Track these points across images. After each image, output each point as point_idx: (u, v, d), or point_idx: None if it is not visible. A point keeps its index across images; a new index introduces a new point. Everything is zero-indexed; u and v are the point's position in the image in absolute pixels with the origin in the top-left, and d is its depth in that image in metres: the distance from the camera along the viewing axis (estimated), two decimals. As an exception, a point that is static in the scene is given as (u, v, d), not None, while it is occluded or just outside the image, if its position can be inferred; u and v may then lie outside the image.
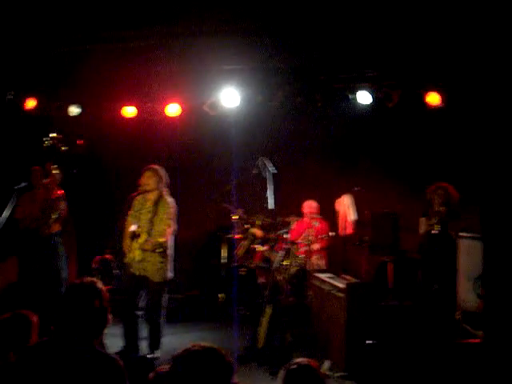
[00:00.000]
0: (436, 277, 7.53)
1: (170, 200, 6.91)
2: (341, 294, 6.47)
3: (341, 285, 6.55)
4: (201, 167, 9.80)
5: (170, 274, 6.89)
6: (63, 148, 7.50)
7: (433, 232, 7.54)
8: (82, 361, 3.08)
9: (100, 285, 3.30)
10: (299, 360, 3.46)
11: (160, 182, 6.88)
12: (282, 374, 3.46)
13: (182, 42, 8.10)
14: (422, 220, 7.78)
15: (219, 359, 2.57)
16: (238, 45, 8.02)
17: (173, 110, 8.99)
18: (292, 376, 3.38)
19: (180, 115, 9.06)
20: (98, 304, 3.22)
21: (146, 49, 8.24)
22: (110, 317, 3.29)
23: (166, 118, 9.09)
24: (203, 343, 2.63)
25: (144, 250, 6.71)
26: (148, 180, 6.85)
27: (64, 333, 3.18)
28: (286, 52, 8.17)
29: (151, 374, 3.37)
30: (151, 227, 6.76)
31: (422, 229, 7.73)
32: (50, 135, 7.46)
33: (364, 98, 8.26)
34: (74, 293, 3.25)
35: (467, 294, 6.95)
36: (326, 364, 6.26)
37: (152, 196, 6.88)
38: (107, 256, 7.54)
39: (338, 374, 6.16)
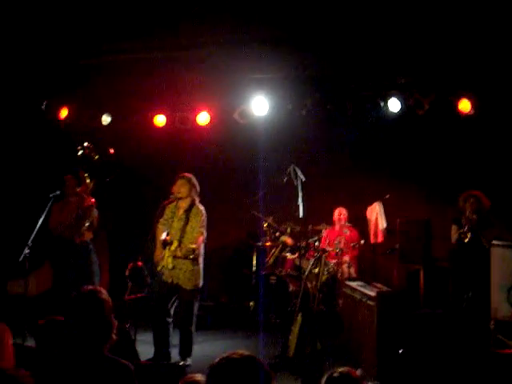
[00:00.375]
0: (468, 285, 7.46)
1: (201, 208, 6.95)
2: (372, 303, 6.43)
3: (372, 293, 6.52)
4: (230, 176, 9.83)
5: (201, 282, 6.93)
6: (96, 157, 7.60)
7: (464, 240, 7.49)
8: (91, 368, 3.12)
9: (103, 294, 3.34)
10: (340, 369, 3.45)
11: (192, 190, 6.93)
12: (323, 381, 3.46)
13: (212, 52, 8.16)
14: (454, 228, 7.73)
15: (258, 368, 2.55)
16: (267, 54, 8.06)
17: (203, 118, 9.07)
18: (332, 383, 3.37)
19: (210, 124, 9.13)
20: (101, 312, 3.26)
21: (177, 58, 8.32)
22: (114, 322, 3.32)
23: (196, 126, 9.17)
24: (241, 351, 2.61)
25: (176, 258, 6.75)
26: (181, 188, 6.91)
27: (72, 341, 3.23)
28: (316, 60, 8.19)
29: (180, 383, 3.39)
30: (183, 235, 6.81)
31: (454, 237, 7.67)
32: (83, 144, 7.57)
33: (394, 105, 8.23)
34: (78, 302, 3.30)
35: (500, 304, 6.88)
36: (358, 372, 6.20)
37: (184, 204, 6.93)
38: (139, 263, 7.57)
39: (371, 383, 6.12)
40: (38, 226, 6.69)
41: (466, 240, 7.46)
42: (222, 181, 9.72)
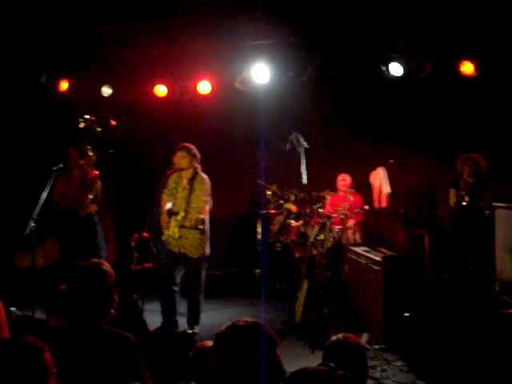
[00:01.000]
0: (469, 248, 7.48)
1: (205, 176, 6.95)
2: (377, 267, 6.46)
3: (377, 258, 6.54)
4: (233, 144, 9.80)
5: (208, 251, 6.96)
6: (98, 129, 7.58)
7: (462, 203, 7.48)
8: (91, 341, 3.11)
9: (105, 266, 3.33)
10: (340, 334, 3.50)
11: (193, 160, 6.92)
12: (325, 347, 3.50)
13: (212, 19, 8.08)
14: (452, 191, 7.71)
15: (263, 334, 2.58)
16: (267, 19, 7.98)
17: (204, 87, 9.01)
18: (333, 349, 3.41)
19: (211, 93, 9.08)
20: (103, 285, 3.24)
21: (176, 27, 8.25)
22: (116, 297, 3.31)
23: (197, 95, 9.11)
24: (246, 318, 2.64)
25: (182, 227, 6.77)
26: (181, 160, 6.89)
27: (73, 315, 3.24)
28: (316, 26, 8.10)
29: (192, 351, 3.42)
30: (188, 204, 6.81)
31: (452, 200, 7.67)
32: (85, 116, 7.54)
33: (396, 69, 8.16)
34: (79, 275, 3.29)
35: (505, 265, 6.91)
36: (364, 337, 6.26)
37: (187, 174, 6.93)
38: (145, 234, 7.61)
39: (377, 347, 6.18)
40: (42, 199, 6.70)
41: (464, 203, 7.44)
42: (225, 149, 9.70)
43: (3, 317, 4.00)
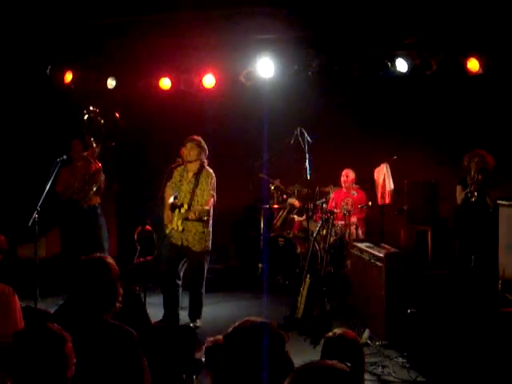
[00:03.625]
0: (474, 246, 7.46)
1: (211, 171, 6.95)
2: (380, 263, 6.45)
3: (380, 254, 6.53)
4: (236, 138, 9.78)
5: (210, 244, 6.97)
6: (102, 121, 7.57)
7: (471, 200, 7.46)
8: (93, 334, 3.12)
9: (109, 260, 3.34)
10: (337, 330, 3.50)
11: (202, 153, 6.91)
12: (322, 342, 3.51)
13: (217, 12, 8.05)
14: (459, 188, 7.70)
15: (271, 332, 2.60)
16: (272, 14, 7.95)
17: (208, 81, 8.99)
18: (330, 344, 3.42)
19: (215, 86, 9.06)
20: (107, 279, 3.25)
21: (182, 20, 8.21)
22: (120, 291, 3.32)
23: (202, 89, 9.10)
24: (253, 318, 2.66)
25: (186, 220, 6.77)
26: (190, 151, 6.88)
27: (75, 308, 3.25)
28: (321, 20, 8.07)
29: (205, 345, 3.42)
30: (193, 197, 6.82)
31: (459, 198, 7.65)
32: (89, 108, 7.53)
33: (402, 65, 8.13)
34: (83, 268, 3.29)
35: (508, 263, 6.90)
36: (366, 333, 6.27)
37: (193, 167, 6.92)
38: (147, 227, 7.61)
39: (378, 343, 6.18)
40: (45, 190, 6.71)
41: (473, 199, 7.42)
42: (228, 144, 9.68)
43: (19, 310, 4.02)
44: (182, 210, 6.80)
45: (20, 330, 3.83)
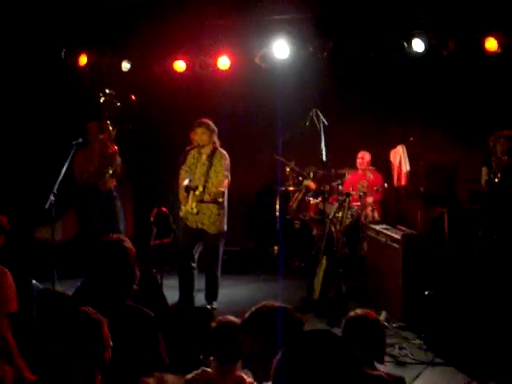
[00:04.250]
0: (497, 227, 7.40)
1: (224, 152, 6.93)
2: (397, 245, 6.42)
3: (397, 235, 6.50)
4: (251, 120, 9.74)
5: (225, 226, 6.96)
6: (118, 103, 7.57)
7: (495, 180, 7.40)
8: (112, 316, 3.13)
9: (127, 242, 3.35)
10: (359, 310, 3.49)
11: (213, 135, 6.90)
12: (343, 323, 3.50)
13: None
14: (484, 170, 7.64)
15: (290, 316, 2.62)
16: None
17: (223, 63, 8.94)
18: (352, 324, 3.41)
19: (230, 68, 9.01)
20: (124, 261, 3.27)
21: (196, 1, 8.18)
22: (137, 273, 3.34)
23: (217, 71, 9.05)
24: (271, 302, 2.67)
25: (201, 202, 6.76)
26: (202, 136, 6.86)
27: (94, 289, 3.27)
28: (337, 1, 8.00)
29: (212, 324, 3.43)
30: (207, 179, 6.81)
31: (484, 179, 7.58)
32: (105, 91, 7.52)
33: (418, 45, 8.03)
34: (101, 251, 3.32)
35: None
36: (383, 314, 6.26)
37: (206, 149, 6.91)
38: (164, 209, 7.61)
39: (395, 325, 6.17)
40: (62, 173, 6.72)
41: (496, 180, 7.36)
42: (244, 126, 9.65)
43: (13, 289, 4.05)
44: (197, 193, 6.78)
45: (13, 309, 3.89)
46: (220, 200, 6.67)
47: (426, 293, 5.84)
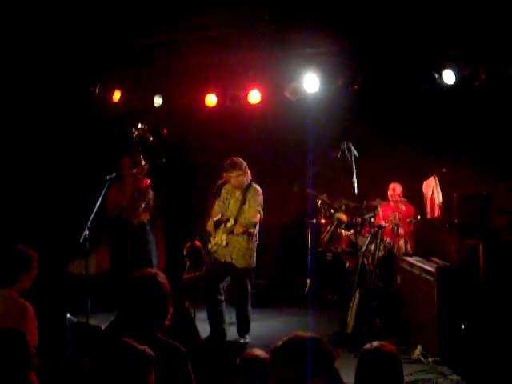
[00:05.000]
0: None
1: (258, 188, 6.93)
2: (431, 278, 6.34)
3: (431, 268, 6.42)
4: (283, 153, 9.78)
5: (254, 261, 6.93)
6: (150, 138, 7.67)
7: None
8: None
9: (161, 276, 3.35)
10: (374, 342, 3.40)
11: (246, 173, 6.86)
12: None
13: (261, 28, 8.09)
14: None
15: (321, 348, 2.57)
16: (317, 28, 7.95)
17: (254, 97, 9.00)
18: (367, 357, 3.32)
19: (261, 102, 9.07)
20: (158, 296, 3.28)
21: (227, 36, 8.28)
22: (170, 308, 3.33)
23: (247, 104, 9.13)
24: (302, 333, 2.64)
25: (231, 235, 6.75)
26: (237, 178, 6.80)
27: (127, 323, 3.27)
28: (366, 33, 8.03)
29: (239, 359, 3.40)
30: (239, 213, 6.81)
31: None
32: (138, 125, 7.63)
33: (449, 76, 8.01)
34: (136, 285, 3.32)
35: None
36: (419, 349, 6.15)
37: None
38: (197, 243, 7.66)
39: (431, 359, 6.06)
40: (96, 207, 6.80)
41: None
42: (275, 159, 9.68)
43: (34, 324, 4.07)
44: (228, 225, 6.79)
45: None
46: (251, 231, 6.66)
47: (463, 327, 5.73)
